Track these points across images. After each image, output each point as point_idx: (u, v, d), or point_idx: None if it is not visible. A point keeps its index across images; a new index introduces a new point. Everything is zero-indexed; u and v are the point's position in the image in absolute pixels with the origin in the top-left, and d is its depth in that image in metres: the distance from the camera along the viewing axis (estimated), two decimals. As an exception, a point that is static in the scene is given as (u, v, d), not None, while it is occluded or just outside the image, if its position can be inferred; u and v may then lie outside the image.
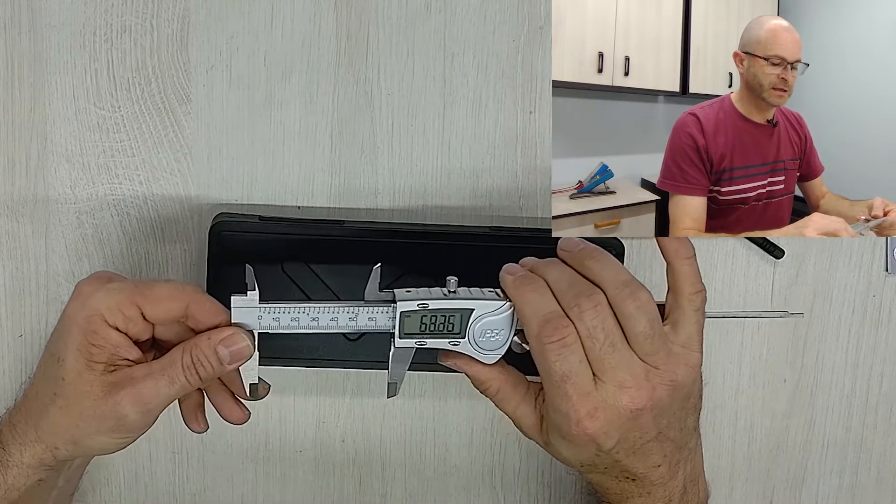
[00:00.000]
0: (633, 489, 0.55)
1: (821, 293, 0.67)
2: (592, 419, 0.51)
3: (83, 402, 0.52)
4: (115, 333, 0.52)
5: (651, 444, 0.53)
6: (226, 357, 0.52)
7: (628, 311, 0.51)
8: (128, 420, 0.52)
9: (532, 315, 0.52)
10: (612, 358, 0.51)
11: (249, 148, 0.64)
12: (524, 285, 0.53)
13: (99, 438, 0.53)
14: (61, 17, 0.63)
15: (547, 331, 0.51)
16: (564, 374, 0.51)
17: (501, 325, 0.54)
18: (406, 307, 0.53)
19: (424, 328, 0.53)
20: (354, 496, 0.68)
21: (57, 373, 0.52)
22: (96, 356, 0.52)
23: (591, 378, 0.52)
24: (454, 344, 0.54)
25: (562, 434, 0.53)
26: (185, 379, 0.52)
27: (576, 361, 0.51)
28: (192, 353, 0.52)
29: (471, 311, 0.53)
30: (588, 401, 0.51)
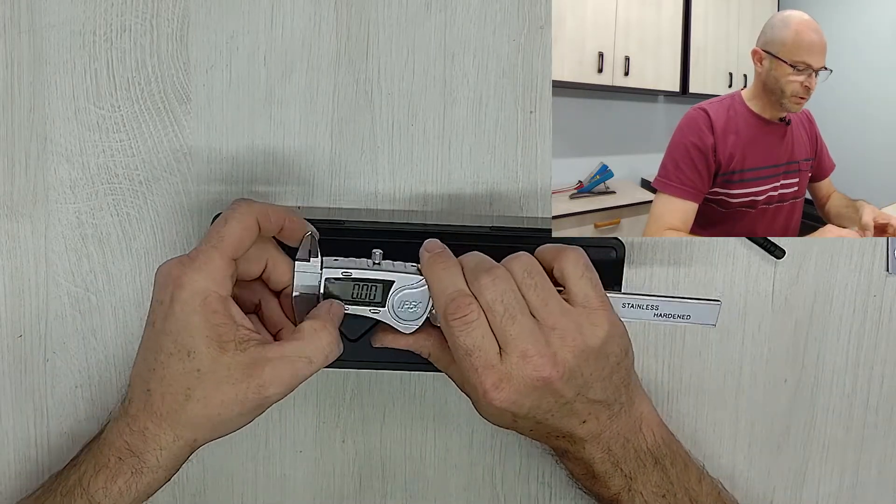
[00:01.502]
0: (566, 444, 0.58)
1: (821, 293, 0.67)
2: (498, 390, 0.54)
3: (223, 388, 0.52)
4: (231, 304, 0.53)
5: (571, 406, 0.55)
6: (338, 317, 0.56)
7: (526, 284, 0.54)
8: (270, 400, 0.53)
9: (440, 293, 0.55)
10: (513, 328, 0.53)
11: (249, 148, 0.64)
12: (436, 263, 0.56)
13: (239, 420, 0.54)
14: (61, 17, 0.63)
15: (451, 308, 0.54)
16: (468, 348, 0.54)
17: (419, 298, 0.57)
18: (331, 274, 0.56)
19: (348, 295, 0.57)
20: (354, 496, 0.68)
21: (189, 366, 0.52)
22: (225, 335, 0.52)
23: (497, 351, 0.54)
24: (374, 312, 0.57)
25: (476, 403, 0.56)
26: (324, 358, 0.54)
27: (479, 336, 0.54)
28: (327, 328, 0.54)
29: (391, 283, 0.57)
30: (492, 373, 0.53)
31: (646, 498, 0.57)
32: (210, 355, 0.52)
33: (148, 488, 0.54)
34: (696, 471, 0.60)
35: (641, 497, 0.57)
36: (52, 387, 0.66)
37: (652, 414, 0.59)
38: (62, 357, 0.66)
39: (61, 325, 0.65)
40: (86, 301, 0.65)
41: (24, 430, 0.66)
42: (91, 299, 0.65)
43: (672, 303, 0.57)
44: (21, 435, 0.66)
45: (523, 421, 0.55)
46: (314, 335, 0.54)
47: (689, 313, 0.57)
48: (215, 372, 0.52)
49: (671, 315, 0.58)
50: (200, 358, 0.52)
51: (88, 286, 0.65)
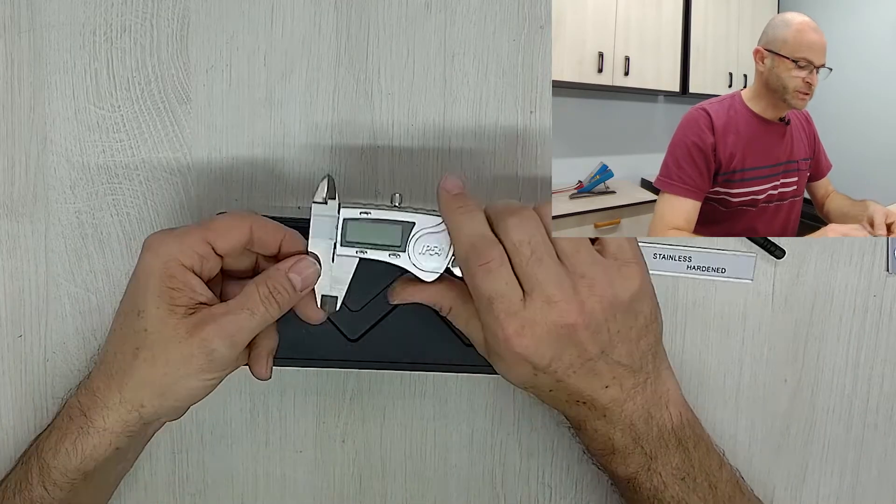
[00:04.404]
0: (586, 412, 0.55)
1: (822, 293, 0.67)
2: (520, 337, 0.51)
3: (169, 347, 0.52)
4: (191, 276, 0.53)
5: (594, 364, 0.53)
6: (298, 283, 0.54)
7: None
8: (216, 354, 0.52)
9: (460, 239, 0.53)
10: (539, 272, 0.51)
11: (249, 148, 0.64)
12: (455, 205, 0.53)
13: (187, 383, 0.53)
14: (61, 17, 0.63)
15: (473, 254, 0.52)
16: (491, 295, 0.51)
17: (441, 242, 0.54)
18: (349, 214, 0.54)
19: (366, 238, 0.54)
20: (354, 496, 0.68)
21: (138, 325, 0.53)
22: (177, 299, 0.52)
23: (521, 297, 0.52)
24: (393, 256, 0.54)
25: (496, 353, 0.53)
26: (264, 309, 0.53)
27: (502, 283, 0.51)
28: (266, 284, 0.53)
29: (412, 225, 0.54)
30: (515, 319, 0.51)
31: (664, 479, 0.55)
32: (158, 315, 0.52)
33: (94, 451, 0.54)
34: (717, 457, 0.58)
35: (660, 477, 0.55)
36: (52, 387, 0.66)
37: (678, 393, 0.57)
38: (62, 357, 0.66)
39: (61, 325, 0.65)
40: (86, 301, 0.65)
41: (24, 430, 0.66)
42: (91, 299, 0.65)
43: (707, 254, 0.55)
44: (21, 435, 0.66)
45: (543, 377, 0.53)
46: (253, 288, 0.53)
47: (725, 266, 0.55)
48: (161, 332, 0.52)
49: (706, 268, 0.55)
50: (149, 318, 0.52)
51: (88, 286, 0.65)
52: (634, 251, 0.54)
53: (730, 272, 0.54)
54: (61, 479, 0.55)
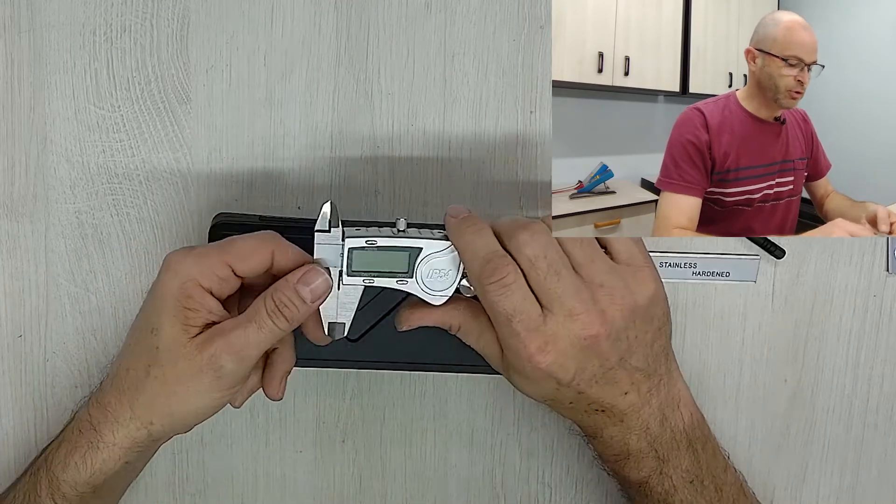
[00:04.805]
0: (604, 420, 0.55)
1: (821, 293, 0.67)
2: (544, 353, 0.51)
3: (179, 364, 0.52)
4: (209, 297, 0.53)
5: (614, 373, 0.53)
6: (307, 295, 0.52)
7: (569, 239, 0.51)
8: (225, 370, 0.52)
9: (472, 257, 0.52)
10: (558, 286, 0.51)
11: (249, 148, 0.64)
12: (465, 227, 0.53)
13: (197, 401, 0.53)
14: (61, 17, 0.63)
15: (487, 272, 0.51)
16: (509, 312, 0.51)
17: (448, 265, 0.54)
18: (354, 244, 0.53)
19: (373, 267, 0.53)
20: (354, 496, 0.68)
21: (151, 343, 0.53)
22: (192, 320, 0.52)
23: (539, 312, 0.51)
24: (401, 283, 0.54)
25: (517, 370, 0.53)
26: (272, 323, 0.52)
27: (519, 299, 0.51)
28: (273, 297, 0.52)
29: (419, 251, 0.53)
30: (537, 336, 0.51)
31: (675, 482, 0.55)
32: (171, 334, 0.52)
33: (103, 465, 0.54)
34: (723, 460, 0.58)
35: (671, 481, 0.55)
36: (52, 387, 0.66)
37: (688, 393, 0.57)
38: (62, 357, 0.66)
39: (61, 325, 0.65)
40: (86, 301, 0.65)
41: (24, 430, 0.66)
42: (91, 299, 0.65)
43: (710, 259, 0.55)
44: (21, 435, 0.66)
45: (566, 390, 0.53)
46: (261, 302, 0.53)
47: (729, 269, 0.55)
48: (172, 350, 0.52)
49: (710, 273, 0.55)
50: (163, 336, 0.52)
51: (88, 286, 0.65)
52: (645, 255, 0.54)
53: (734, 275, 0.54)
54: (70, 492, 0.54)
